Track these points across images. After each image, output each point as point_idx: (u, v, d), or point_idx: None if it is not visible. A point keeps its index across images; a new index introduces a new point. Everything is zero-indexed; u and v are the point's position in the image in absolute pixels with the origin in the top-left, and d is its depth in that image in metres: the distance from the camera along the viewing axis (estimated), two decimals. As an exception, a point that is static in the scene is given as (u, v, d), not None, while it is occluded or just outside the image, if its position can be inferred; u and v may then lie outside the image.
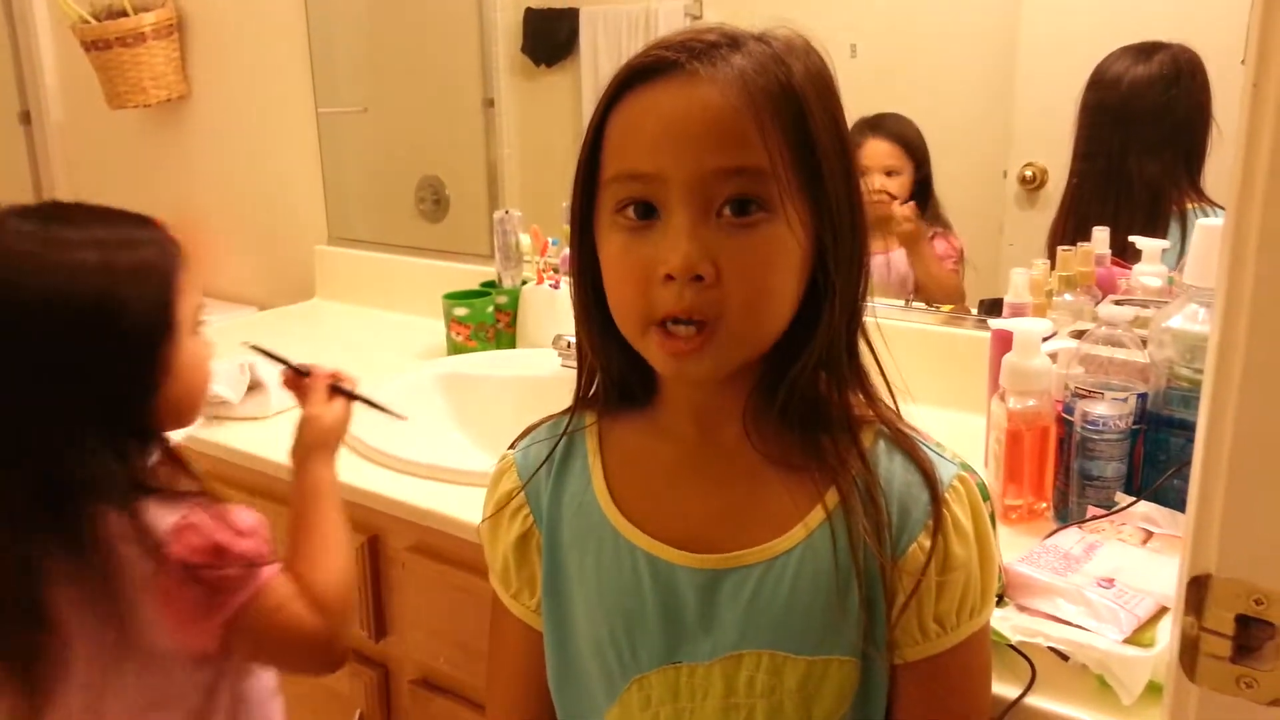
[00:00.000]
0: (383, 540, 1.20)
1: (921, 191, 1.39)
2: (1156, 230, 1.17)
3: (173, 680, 0.87)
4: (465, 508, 1.08)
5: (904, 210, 1.39)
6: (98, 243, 0.84)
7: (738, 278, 0.62)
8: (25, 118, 2.61)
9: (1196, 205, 1.18)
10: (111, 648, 0.83)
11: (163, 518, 0.81)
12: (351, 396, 1.04)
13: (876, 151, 1.41)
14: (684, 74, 0.62)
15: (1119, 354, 0.98)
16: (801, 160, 0.63)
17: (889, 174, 1.40)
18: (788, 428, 0.68)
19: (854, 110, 1.39)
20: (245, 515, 0.86)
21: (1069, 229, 1.25)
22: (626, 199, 0.64)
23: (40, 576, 0.81)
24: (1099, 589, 0.80)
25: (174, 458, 0.90)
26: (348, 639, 0.90)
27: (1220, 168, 1.17)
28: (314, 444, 0.98)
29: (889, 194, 1.40)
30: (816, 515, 0.67)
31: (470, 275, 1.75)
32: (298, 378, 1.04)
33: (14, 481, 0.81)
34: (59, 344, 0.81)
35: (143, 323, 0.83)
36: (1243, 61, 0.41)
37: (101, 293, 0.81)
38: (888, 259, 1.45)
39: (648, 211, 0.64)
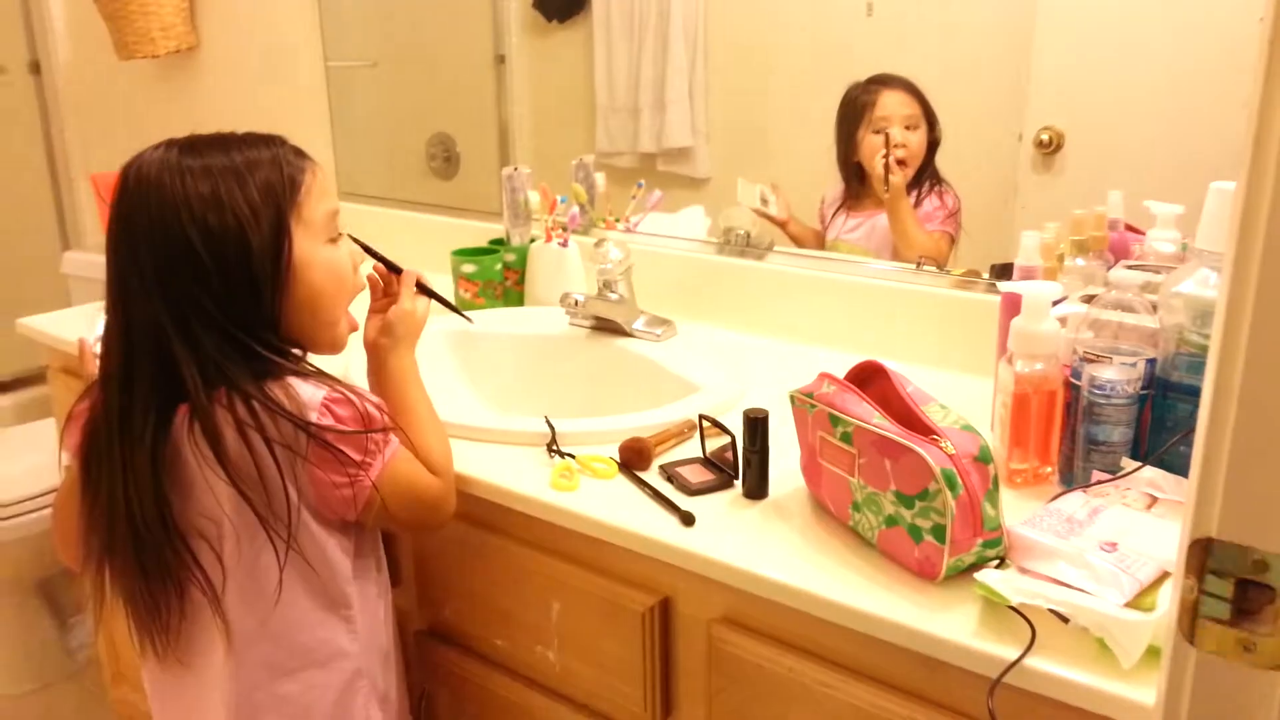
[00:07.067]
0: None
1: (930, 150, 1.38)
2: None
3: (310, 572, 0.96)
4: (472, 463, 1.09)
5: (897, 180, 1.38)
6: (207, 172, 0.92)
7: None
8: (35, 68, 2.60)
9: None
10: (258, 530, 0.92)
11: (313, 393, 0.93)
12: (434, 296, 1.14)
13: (895, 102, 1.39)
14: None
15: (1129, 319, 0.98)
16: None
17: (909, 127, 1.38)
18: None
19: (871, 71, 1.39)
20: (371, 394, 0.99)
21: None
22: None
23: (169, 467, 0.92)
24: (1101, 553, 0.80)
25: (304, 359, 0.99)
26: (454, 497, 1.04)
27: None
28: (405, 335, 1.09)
29: (899, 161, 1.38)
30: None
31: (479, 232, 1.75)
32: (389, 274, 1.12)
33: (153, 378, 0.91)
34: (179, 260, 0.90)
35: (251, 239, 0.91)
36: (1261, 19, 0.40)
37: (209, 218, 0.90)
38: (873, 224, 1.44)
39: None
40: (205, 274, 0.90)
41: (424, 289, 1.12)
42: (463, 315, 1.26)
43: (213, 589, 0.94)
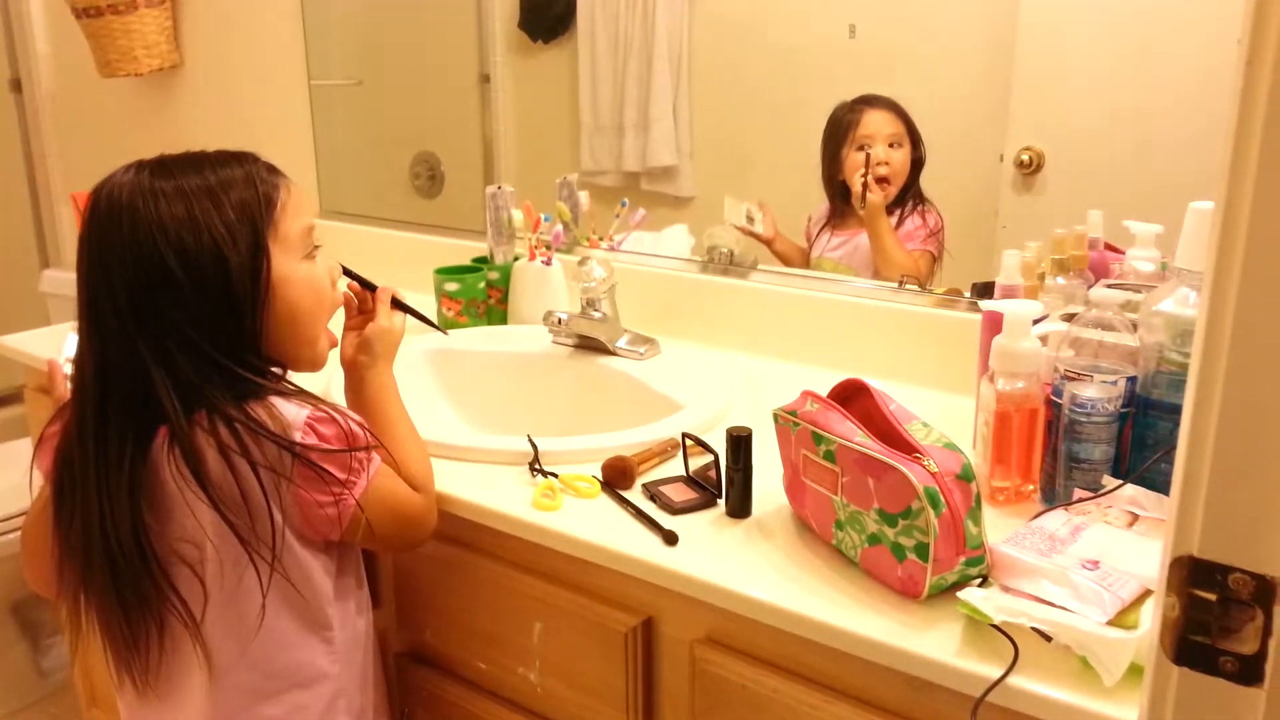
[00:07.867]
0: (371, 514, 1.19)
1: (914, 170, 1.39)
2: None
3: (293, 594, 0.95)
4: (454, 482, 1.08)
5: (875, 199, 1.39)
6: (181, 193, 0.90)
7: None
8: (16, 85, 2.59)
9: None
10: (241, 554, 0.91)
11: (296, 413, 0.92)
12: (409, 310, 1.14)
13: (879, 120, 1.40)
14: None
15: (1109, 337, 0.98)
16: None
17: (892, 145, 1.39)
18: None
19: (853, 92, 1.40)
20: (353, 412, 0.98)
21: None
22: None
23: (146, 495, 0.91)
24: (1084, 571, 0.80)
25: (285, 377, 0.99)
26: (436, 513, 1.04)
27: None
28: (383, 352, 1.09)
29: (881, 179, 1.39)
30: None
31: (463, 251, 1.74)
32: (363, 291, 1.12)
33: (129, 403, 0.90)
34: (156, 284, 0.89)
35: (230, 259, 0.90)
36: (1239, 41, 0.41)
37: (185, 240, 0.89)
38: (856, 242, 1.44)
39: None
40: (183, 297, 0.89)
41: (399, 304, 1.12)
42: (438, 328, 1.26)
43: (193, 618, 0.92)
